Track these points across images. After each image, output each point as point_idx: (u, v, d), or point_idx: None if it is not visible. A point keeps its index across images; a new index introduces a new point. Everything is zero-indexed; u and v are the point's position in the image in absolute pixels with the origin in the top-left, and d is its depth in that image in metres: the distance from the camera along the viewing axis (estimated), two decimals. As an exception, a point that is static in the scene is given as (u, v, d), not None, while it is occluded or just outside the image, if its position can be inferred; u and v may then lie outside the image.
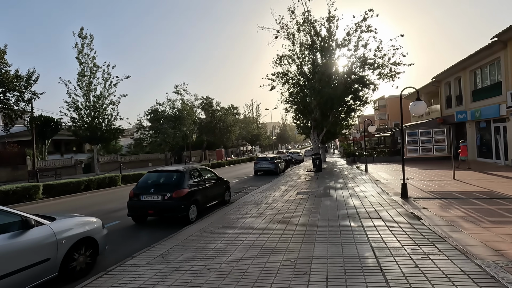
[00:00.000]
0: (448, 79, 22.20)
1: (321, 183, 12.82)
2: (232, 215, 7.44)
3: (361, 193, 9.42)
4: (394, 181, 11.99)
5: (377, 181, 12.25)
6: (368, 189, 10.23)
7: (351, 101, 19.08)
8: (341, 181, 13.07)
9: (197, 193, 7.74)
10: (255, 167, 20.90)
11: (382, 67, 17.92)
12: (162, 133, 34.16)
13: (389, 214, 6.28)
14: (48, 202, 11.60)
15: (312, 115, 19.25)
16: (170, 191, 7.05)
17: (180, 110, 35.20)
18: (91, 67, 26.49)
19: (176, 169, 7.81)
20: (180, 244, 5.25)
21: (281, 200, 9.15)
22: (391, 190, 9.70)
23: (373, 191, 9.71)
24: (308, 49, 18.26)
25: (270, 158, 20.85)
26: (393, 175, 14.15)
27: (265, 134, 75.51)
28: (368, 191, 9.76)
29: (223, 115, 44.68)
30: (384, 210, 6.75)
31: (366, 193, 9.28)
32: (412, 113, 8.00)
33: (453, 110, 21.50)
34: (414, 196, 8.23)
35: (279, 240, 5.00)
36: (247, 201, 9.44)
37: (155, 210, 7.03)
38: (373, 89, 18.11)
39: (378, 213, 6.45)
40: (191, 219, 7.25)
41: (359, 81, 17.47)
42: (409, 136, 12.26)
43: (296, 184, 13.06)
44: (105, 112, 26.80)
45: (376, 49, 17.55)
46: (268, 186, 13.09)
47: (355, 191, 9.85)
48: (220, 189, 9.41)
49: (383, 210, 6.72)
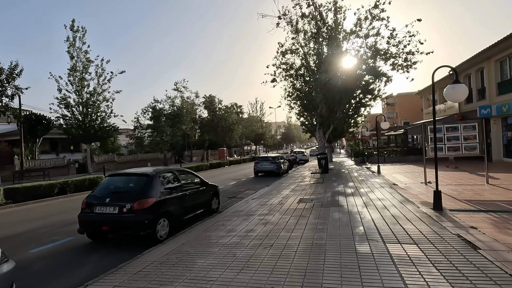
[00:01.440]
0: (468, 71, 20.15)
1: (328, 187, 11.04)
2: (214, 232, 5.74)
3: (378, 201, 7.63)
4: (415, 185, 10.14)
5: (394, 185, 10.43)
6: (386, 195, 8.42)
7: (361, 95, 17.18)
8: (351, 185, 11.27)
9: (171, 202, 6.07)
10: (255, 168, 19.21)
11: (396, 57, 16.02)
12: (160, 131, 32.67)
13: (425, 237, 4.50)
14: (7, 210, 10.02)
15: (317, 111, 17.45)
16: (130, 200, 5.38)
17: (179, 108, 33.63)
18: (84, 62, 25.14)
19: (143, 172, 6.14)
20: (125, 283, 3.58)
21: (279, 210, 7.42)
22: (415, 197, 7.88)
23: (392, 198, 7.90)
24: (313, 38, 16.45)
25: (272, 158, 19.13)
26: (411, 178, 12.29)
27: (270, 134, 73.70)
28: (387, 198, 7.96)
29: (225, 113, 43.05)
30: (416, 229, 4.97)
31: (385, 202, 7.48)
32: (449, 99, 6.21)
33: (474, 105, 19.47)
34: (449, 207, 6.41)
35: (266, 283, 3.29)
36: (238, 211, 7.74)
37: (111, 226, 5.36)
38: (386, 81, 16.22)
39: (409, 235, 4.67)
40: (160, 237, 5.59)
41: (371, 72, 15.60)
42: (432, 133, 10.40)
43: (299, 188, 11.31)
44: (99, 109, 25.41)
45: (389, 36, 15.66)
46: (267, 190, 11.37)
47: (370, 199, 8.06)
48: (205, 196, 7.73)
49: (415, 230, 4.94)
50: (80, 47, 25.02)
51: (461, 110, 21.42)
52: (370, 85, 16.43)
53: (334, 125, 18.29)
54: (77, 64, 24.87)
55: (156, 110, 33.32)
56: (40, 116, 26.76)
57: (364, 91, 16.68)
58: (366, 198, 8.23)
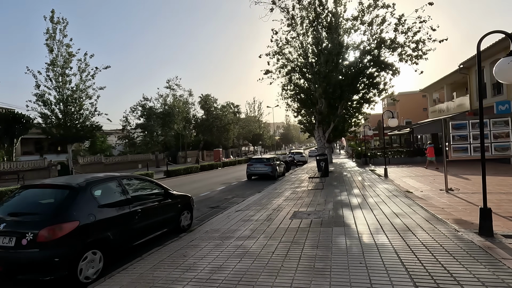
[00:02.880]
0: (481, 64, 18.40)
1: (329, 195, 9.25)
2: (165, 270, 3.95)
3: (396, 218, 5.83)
4: (435, 194, 8.36)
5: (408, 194, 8.64)
6: (404, 209, 6.62)
7: (365, 89, 15.37)
8: (357, 193, 9.48)
9: (109, 225, 4.29)
10: (248, 171, 17.42)
11: (404, 46, 14.26)
12: (149, 131, 30.86)
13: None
14: None
15: (316, 107, 15.66)
16: (35, 227, 3.58)
17: (170, 106, 31.79)
18: (65, 56, 23.32)
19: (67, 182, 4.31)
20: None
21: (266, 230, 5.62)
22: (443, 212, 6.10)
23: (414, 214, 6.11)
24: (311, 26, 14.66)
25: (266, 160, 17.34)
26: (426, 183, 10.50)
27: (268, 134, 72.01)
28: (406, 214, 6.16)
29: (220, 113, 41.26)
30: (471, 275, 3.18)
31: (406, 220, 5.68)
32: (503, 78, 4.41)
33: (488, 101, 17.74)
34: (499, 230, 4.62)
35: None
36: (213, 230, 5.95)
37: (2, 268, 3.56)
38: (393, 73, 14.44)
39: (464, 288, 2.88)
40: (86, 278, 3.81)
41: (376, 63, 13.82)
42: (454, 130, 8.63)
43: (294, 197, 9.51)
44: (81, 107, 23.56)
45: (397, 22, 13.90)
46: (257, 199, 9.58)
47: (384, 214, 6.27)
48: (170, 211, 5.93)
49: (469, 277, 3.14)
50: (60, 40, 23.24)
51: (472, 107, 19.69)
52: (375, 78, 14.64)
53: (335, 123, 16.49)
54: (58, 59, 23.10)
55: (146, 108, 31.45)
56: (18, 114, 24.91)
57: (368, 85, 14.87)
58: (378, 212, 6.42)
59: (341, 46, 14.19)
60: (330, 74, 13.61)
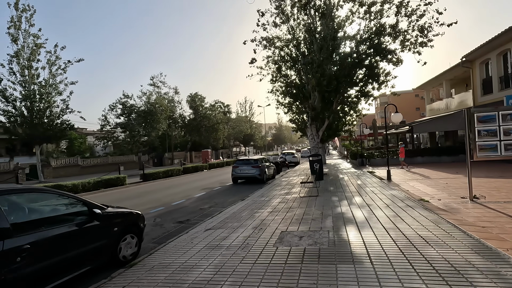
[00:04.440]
0: (486, 57, 17.01)
1: (325, 206, 7.46)
2: None
3: (427, 248, 4.04)
4: (457, 203, 6.66)
5: (424, 202, 6.92)
6: (431, 228, 4.86)
7: (364, 81, 13.64)
8: (360, 201, 7.72)
9: None
10: (234, 173, 15.56)
11: (406, 34, 12.65)
12: (130, 130, 28.68)
13: None
14: None
15: (309, 102, 13.89)
16: None
17: (152, 104, 29.64)
18: (32, 47, 21.05)
19: None
20: None
21: (236, 268, 3.77)
22: (488, 235, 4.36)
23: (448, 237, 4.34)
24: (303, 9, 12.91)
25: (254, 161, 15.50)
26: (439, 189, 8.83)
27: (260, 134, 70.25)
28: (437, 237, 4.39)
29: (208, 112, 39.24)
30: None
31: (443, 250, 3.90)
32: None
33: (494, 96, 16.32)
34: None
35: None
36: (163, 266, 4.08)
37: None
38: (395, 63, 12.79)
39: None
40: None
41: (377, 50, 12.12)
42: (481, 123, 6.95)
43: (283, 207, 7.69)
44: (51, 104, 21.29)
45: (398, 5, 12.27)
46: (237, 210, 7.73)
47: (406, 237, 4.48)
48: (95, 239, 4.03)
49: None
50: (27, 29, 20.96)
51: (476, 103, 18.28)
52: (375, 69, 12.95)
53: (329, 120, 14.75)
54: (24, 50, 20.81)
55: (127, 106, 29.22)
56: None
57: (367, 75, 13.17)
58: (397, 235, 4.64)
59: (337, 30, 12.47)
60: (324, 62, 11.87)
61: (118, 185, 15.09)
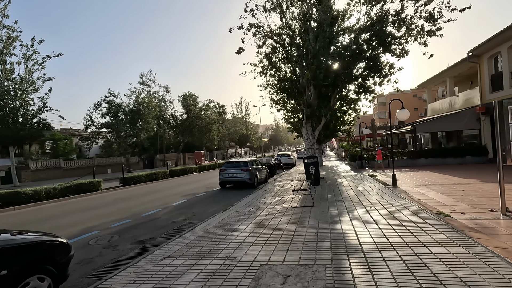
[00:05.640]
0: (496, 50, 15.71)
1: (322, 221, 6.01)
2: None
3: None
4: (488, 218, 5.26)
5: (446, 218, 5.50)
6: (474, 266, 3.43)
7: (365, 74, 12.19)
8: (364, 216, 6.28)
9: None
10: (221, 177, 14.09)
11: (411, 23, 11.28)
12: (116, 130, 27.10)
13: None
14: None
15: (304, 98, 12.45)
16: None
17: (139, 103, 28.07)
18: (5, 40, 19.44)
19: None
20: None
21: None
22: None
23: (497, 278, 2.90)
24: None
25: (243, 164, 14.04)
26: (457, 198, 7.42)
27: (256, 135, 68.81)
28: (484, 278, 2.95)
29: (201, 111, 37.72)
30: None
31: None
32: None
33: (505, 92, 15.01)
34: None
35: None
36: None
37: None
38: (400, 54, 11.38)
39: None
40: None
41: (380, 38, 10.69)
42: (516, 118, 5.55)
43: (269, 222, 6.23)
44: (26, 102, 19.69)
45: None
46: (212, 227, 6.26)
47: (438, 280, 3.04)
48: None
49: None
50: (0, 20, 19.36)
51: (484, 101, 16.97)
52: (377, 60, 11.52)
53: (326, 118, 13.32)
54: (-4, 44, 19.20)
55: (113, 105, 27.62)
56: None
57: (368, 69, 11.75)
58: (424, 275, 3.19)
59: (336, 17, 11.06)
60: (321, 53, 10.45)
61: (92, 190, 13.52)
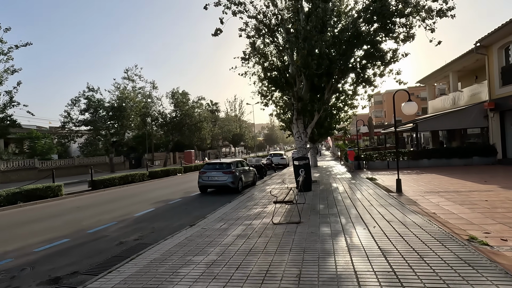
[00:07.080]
0: (506, 40, 14.21)
1: (309, 250, 4.34)
2: None
3: None
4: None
5: (481, 247, 3.88)
6: None
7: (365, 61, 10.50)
8: (365, 239, 4.63)
9: None
10: (200, 181, 12.39)
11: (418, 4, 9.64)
12: (96, 128, 25.20)
13: None
14: None
15: (294, 90, 10.77)
16: None
17: (120, 98, 26.17)
18: (-35, 28, 17.49)
19: None
20: None
21: None
22: None
23: None
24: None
25: (226, 166, 12.36)
26: (481, 210, 5.82)
27: (250, 134, 67.11)
28: None
29: (190, 108, 35.89)
30: None
31: None
32: None
33: (518, 86, 13.54)
34: None
35: None
36: None
37: None
38: (405, 38, 9.74)
39: None
40: None
41: (383, 15, 9.01)
42: None
43: (238, 250, 4.55)
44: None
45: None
46: (159, 256, 4.57)
47: None
48: None
49: None
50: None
51: (493, 96, 15.47)
52: (379, 44, 9.84)
53: (320, 113, 11.66)
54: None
55: (93, 101, 25.69)
56: None
57: (368, 56, 10.10)
58: None
59: None
60: (313, 35, 8.78)
61: (49, 196, 11.68)
